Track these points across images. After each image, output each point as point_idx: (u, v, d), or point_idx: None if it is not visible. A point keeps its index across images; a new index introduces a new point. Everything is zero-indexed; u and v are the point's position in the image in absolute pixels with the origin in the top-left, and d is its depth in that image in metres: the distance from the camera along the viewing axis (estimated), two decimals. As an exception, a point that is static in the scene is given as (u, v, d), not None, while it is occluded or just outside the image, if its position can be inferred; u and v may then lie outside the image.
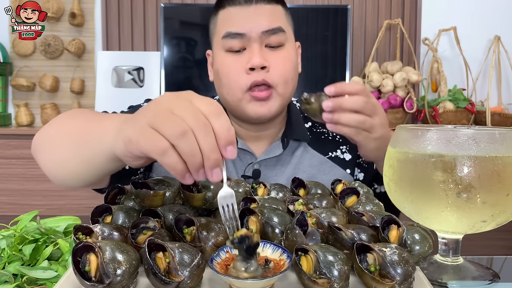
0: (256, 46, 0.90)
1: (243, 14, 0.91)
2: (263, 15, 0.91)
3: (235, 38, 0.90)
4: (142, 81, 2.46)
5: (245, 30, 0.90)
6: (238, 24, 0.90)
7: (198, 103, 0.52)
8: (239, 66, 0.91)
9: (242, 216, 0.61)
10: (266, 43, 0.92)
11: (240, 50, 0.92)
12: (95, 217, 0.64)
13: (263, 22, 0.90)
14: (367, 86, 2.34)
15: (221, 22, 0.94)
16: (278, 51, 0.92)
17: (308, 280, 0.48)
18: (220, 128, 0.50)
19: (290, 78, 0.93)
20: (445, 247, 0.62)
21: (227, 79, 0.92)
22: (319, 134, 1.06)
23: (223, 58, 0.93)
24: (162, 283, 0.47)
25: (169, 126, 0.49)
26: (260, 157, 0.99)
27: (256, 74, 0.89)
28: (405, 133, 0.61)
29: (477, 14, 2.52)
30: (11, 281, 0.58)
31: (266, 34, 0.90)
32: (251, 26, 0.90)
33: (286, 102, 0.96)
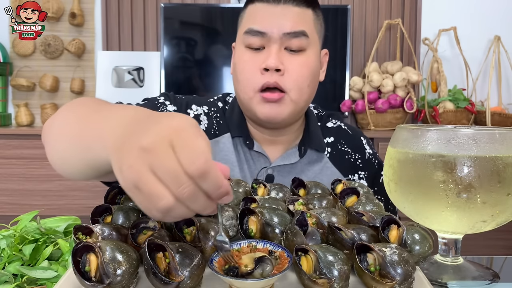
0: (275, 47, 0.88)
1: (268, 13, 0.89)
2: (288, 16, 0.89)
3: (256, 36, 0.89)
4: (142, 81, 2.46)
5: (266, 29, 0.88)
6: (261, 22, 0.89)
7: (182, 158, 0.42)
8: (255, 65, 0.89)
9: (242, 216, 0.61)
10: (286, 46, 0.90)
11: (260, 48, 0.91)
12: (95, 217, 0.64)
13: (286, 23, 0.88)
14: (367, 86, 2.34)
15: (247, 17, 0.93)
16: (297, 56, 0.90)
17: (308, 280, 0.48)
18: (210, 189, 0.43)
19: (305, 85, 0.91)
20: (445, 247, 0.62)
21: (242, 76, 0.92)
22: (343, 153, 1.03)
23: (242, 53, 0.92)
24: (162, 283, 0.47)
25: (153, 201, 0.42)
26: (275, 163, 0.97)
27: (269, 76, 0.88)
28: (405, 133, 0.61)
29: (477, 14, 2.52)
30: (11, 281, 0.58)
31: (287, 36, 0.88)
32: (273, 25, 0.88)
33: (300, 109, 0.94)
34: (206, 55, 2.42)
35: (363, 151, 1.06)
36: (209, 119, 1.01)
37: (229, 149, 0.98)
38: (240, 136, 0.98)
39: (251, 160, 0.98)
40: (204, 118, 1.01)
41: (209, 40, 2.41)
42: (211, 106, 1.04)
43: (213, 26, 2.44)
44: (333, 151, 1.03)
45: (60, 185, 2.13)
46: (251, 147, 0.97)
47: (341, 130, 1.08)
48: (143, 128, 0.45)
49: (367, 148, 1.07)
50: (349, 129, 1.09)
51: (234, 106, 1.02)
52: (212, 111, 1.03)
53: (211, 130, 1.00)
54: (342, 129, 1.08)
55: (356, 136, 1.08)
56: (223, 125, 1.01)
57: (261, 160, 0.98)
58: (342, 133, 1.07)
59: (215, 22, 2.43)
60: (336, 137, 1.05)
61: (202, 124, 1.00)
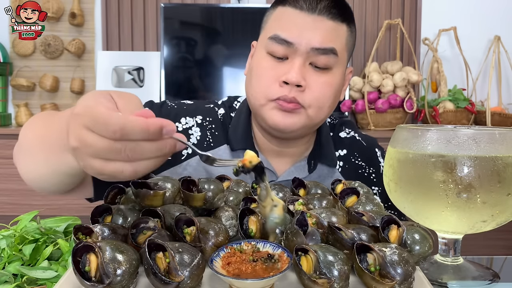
0: (299, 60, 0.81)
1: (299, 21, 0.81)
2: (320, 30, 0.81)
3: (281, 44, 0.82)
4: (142, 81, 2.46)
5: (294, 39, 0.81)
6: (289, 30, 0.81)
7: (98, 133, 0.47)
8: (274, 74, 0.83)
9: (242, 216, 0.61)
10: (312, 61, 0.83)
11: (282, 58, 0.83)
12: (95, 217, 0.64)
13: (317, 37, 0.81)
14: (367, 86, 2.34)
15: (274, 19, 0.85)
16: (322, 74, 0.83)
17: (308, 280, 0.48)
18: (140, 136, 0.47)
19: (326, 105, 0.85)
20: (445, 247, 0.62)
21: (257, 82, 0.85)
22: (357, 167, 0.98)
23: (262, 58, 0.85)
24: (162, 283, 0.47)
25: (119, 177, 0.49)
26: (282, 177, 0.91)
27: (287, 90, 0.81)
28: (405, 133, 0.61)
29: (477, 14, 2.52)
30: (11, 281, 0.58)
31: (315, 52, 0.81)
32: (302, 37, 0.81)
33: (314, 125, 0.89)
34: (206, 55, 2.42)
35: (377, 165, 0.99)
36: (203, 130, 0.95)
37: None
38: (244, 149, 0.90)
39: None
40: (196, 129, 0.95)
41: (209, 40, 2.41)
42: (208, 115, 0.97)
43: (213, 26, 2.44)
44: (345, 165, 0.97)
45: (60, 185, 2.13)
46: None
47: (355, 141, 1.01)
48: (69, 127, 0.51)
49: (382, 161, 1.00)
50: (363, 140, 1.02)
51: (241, 114, 0.95)
52: (207, 121, 0.96)
53: (204, 143, 0.94)
54: (356, 140, 1.01)
55: (371, 148, 1.02)
56: (219, 136, 0.94)
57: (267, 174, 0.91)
58: (356, 145, 1.00)
59: (215, 22, 2.43)
60: (349, 150, 0.99)
61: (194, 137, 0.94)
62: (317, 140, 0.96)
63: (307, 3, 0.81)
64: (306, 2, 0.81)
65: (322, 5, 0.81)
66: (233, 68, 2.42)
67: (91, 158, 0.49)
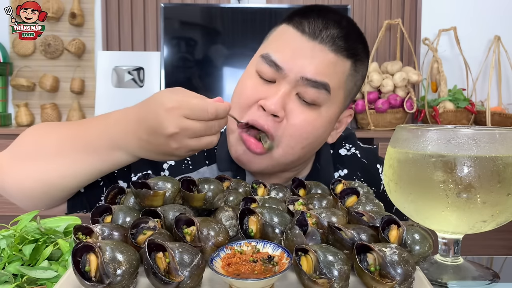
0: (286, 88, 0.73)
1: (296, 45, 0.74)
2: (316, 60, 0.73)
3: (270, 66, 0.74)
4: (142, 81, 2.46)
5: (285, 64, 0.73)
6: (283, 53, 0.74)
7: (196, 117, 0.63)
8: (254, 96, 0.75)
9: (242, 216, 0.61)
10: (299, 92, 0.74)
11: (269, 81, 0.76)
12: (95, 217, 0.64)
13: (310, 67, 0.73)
14: (367, 86, 2.34)
15: (274, 36, 0.78)
16: (307, 109, 0.75)
17: (308, 280, 0.48)
18: (222, 115, 0.65)
19: (299, 146, 0.76)
20: (445, 247, 0.62)
21: (237, 100, 0.78)
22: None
23: (248, 75, 0.78)
24: (162, 283, 0.47)
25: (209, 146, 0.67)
26: None
27: (263, 116, 0.74)
28: (405, 133, 0.61)
29: (477, 14, 2.52)
30: (11, 281, 0.58)
31: (305, 82, 0.73)
32: (294, 63, 0.73)
33: (283, 165, 0.80)
34: (206, 55, 2.42)
35: (379, 183, 0.94)
36: None
37: None
38: (229, 171, 0.85)
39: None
40: None
41: (209, 40, 2.41)
42: None
43: (213, 26, 2.44)
44: None
45: (60, 185, 2.13)
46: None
47: (356, 159, 0.94)
48: (150, 123, 0.64)
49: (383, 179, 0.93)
50: (364, 158, 0.95)
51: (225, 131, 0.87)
52: None
53: (182, 166, 0.86)
54: (357, 158, 0.94)
55: (373, 167, 0.95)
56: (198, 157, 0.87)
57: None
58: (357, 164, 0.93)
59: (215, 22, 2.43)
60: (350, 170, 0.92)
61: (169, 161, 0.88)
62: (315, 163, 0.89)
63: (310, 27, 0.73)
64: (310, 26, 0.73)
65: (328, 33, 0.73)
66: (233, 68, 2.42)
67: (189, 139, 0.63)
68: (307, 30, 0.74)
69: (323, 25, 0.73)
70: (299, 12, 0.77)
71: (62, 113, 2.52)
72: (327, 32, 0.73)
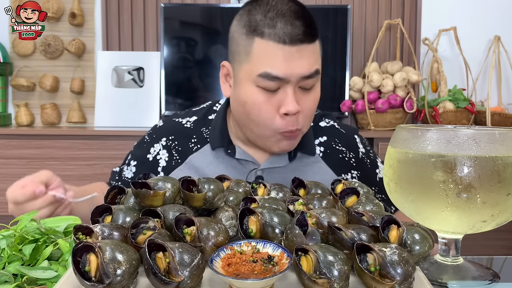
0: (291, 89, 0.86)
1: (286, 55, 0.84)
2: (305, 59, 0.85)
3: (273, 81, 0.85)
4: (142, 81, 2.46)
5: (286, 74, 0.84)
6: (280, 67, 0.84)
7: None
8: (271, 107, 0.87)
9: (242, 216, 0.61)
10: (300, 85, 0.88)
11: (274, 90, 0.87)
12: (95, 217, 0.64)
13: (305, 66, 0.85)
14: (367, 86, 2.34)
15: (258, 55, 0.85)
16: (309, 93, 0.90)
17: (308, 280, 0.48)
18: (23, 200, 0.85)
19: (312, 117, 0.94)
20: (445, 247, 0.62)
21: (257, 117, 0.89)
22: (337, 151, 1.03)
23: (254, 93, 0.87)
24: (162, 283, 0.47)
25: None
26: (263, 165, 0.98)
27: (290, 120, 0.88)
28: (405, 133, 0.61)
29: (477, 14, 2.52)
30: (11, 281, 0.58)
31: (304, 78, 0.86)
32: (292, 70, 0.84)
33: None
34: (206, 55, 2.42)
35: (357, 150, 1.05)
36: (168, 150, 1.02)
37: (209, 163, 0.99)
38: (221, 146, 0.99)
39: (240, 164, 0.99)
40: (163, 152, 1.02)
41: (209, 40, 2.41)
42: (170, 133, 1.04)
43: (213, 26, 2.44)
44: (326, 150, 1.02)
45: (60, 185, 2.13)
46: (233, 155, 0.98)
47: (335, 129, 1.07)
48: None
49: (361, 147, 1.06)
50: (342, 128, 1.08)
51: (219, 116, 1.02)
52: (170, 140, 1.03)
53: (172, 162, 1.01)
54: (336, 128, 1.07)
55: (350, 135, 1.07)
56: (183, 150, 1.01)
57: (249, 164, 0.99)
58: (335, 132, 1.06)
59: (215, 22, 2.43)
60: (329, 136, 1.04)
61: (162, 160, 1.02)
62: None
63: (286, 36, 0.83)
64: (286, 36, 0.83)
65: (300, 32, 0.84)
66: (233, 68, 2.42)
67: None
68: (287, 40, 0.83)
69: (292, 27, 0.83)
70: (260, 20, 0.85)
71: (62, 113, 2.52)
72: (299, 31, 0.84)
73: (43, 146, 2.12)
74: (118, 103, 2.44)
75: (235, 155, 0.98)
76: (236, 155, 0.98)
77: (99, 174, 2.12)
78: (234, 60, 0.91)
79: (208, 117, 1.05)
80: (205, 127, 1.03)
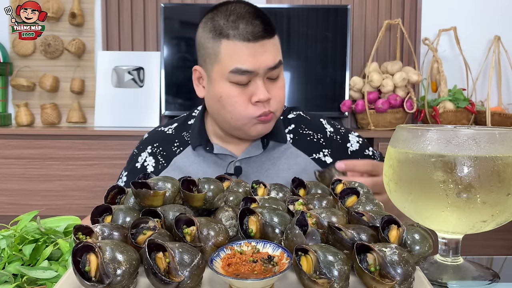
0: (260, 80, 0.96)
1: (252, 51, 0.94)
2: (269, 52, 0.96)
3: (244, 75, 0.95)
4: (142, 81, 2.46)
5: (254, 67, 0.95)
6: (248, 62, 0.94)
7: None
8: (244, 98, 0.97)
9: (242, 216, 0.61)
10: (267, 76, 0.98)
11: (246, 83, 0.97)
12: (95, 217, 0.64)
13: (269, 59, 0.96)
14: (367, 86, 2.34)
15: (226, 55, 0.96)
16: (276, 82, 1.00)
17: (308, 280, 0.48)
18: None
19: (283, 103, 1.04)
20: (445, 247, 0.62)
21: (232, 108, 0.98)
22: (305, 136, 1.12)
23: (228, 88, 0.97)
24: (162, 283, 0.47)
25: None
26: (241, 156, 1.06)
27: (262, 106, 0.97)
28: (405, 133, 0.61)
29: (477, 14, 2.52)
30: (11, 281, 0.58)
31: (270, 70, 0.97)
32: (259, 63, 0.95)
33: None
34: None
35: (324, 130, 1.14)
36: (154, 157, 1.11)
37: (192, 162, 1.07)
38: (200, 145, 1.07)
39: (219, 158, 1.07)
40: (150, 159, 1.11)
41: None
42: (154, 141, 1.13)
43: (213, 26, 2.43)
44: (295, 136, 1.11)
45: (60, 185, 2.13)
46: (211, 151, 1.06)
47: (301, 117, 1.16)
48: None
49: (328, 127, 1.15)
50: (308, 116, 1.17)
51: (197, 119, 1.13)
52: (155, 147, 1.12)
53: (159, 166, 1.09)
54: (302, 116, 1.17)
55: (315, 119, 1.17)
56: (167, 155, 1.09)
57: (228, 157, 1.07)
58: (301, 119, 1.16)
59: (215, 22, 2.43)
60: (296, 124, 1.14)
61: (150, 166, 1.10)
62: None
63: (249, 35, 0.94)
64: (249, 34, 0.94)
65: (261, 29, 0.95)
66: (233, 68, 2.42)
67: None
68: (251, 38, 0.94)
69: (253, 26, 0.94)
70: (223, 24, 0.96)
71: (62, 113, 2.52)
72: (260, 29, 0.95)
73: (43, 146, 2.12)
74: (118, 103, 2.44)
75: (213, 151, 1.06)
76: (215, 151, 1.06)
77: (99, 174, 2.12)
78: (205, 63, 1.01)
79: (188, 122, 1.15)
80: (186, 131, 1.13)
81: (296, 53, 2.37)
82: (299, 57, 2.38)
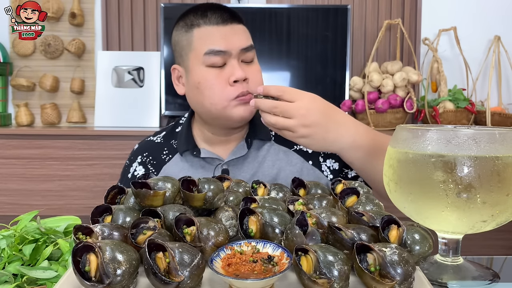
0: (235, 61, 1.00)
1: (223, 33, 0.99)
2: (240, 34, 1.01)
3: (218, 55, 0.98)
4: (142, 81, 2.46)
5: (227, 47, 0.98)
6: (220, 42, 0.98)
7: None
8: (222, 80, 0.99)
9: (242, 216, 0.61)
10: (242, 59, 1.01)
11: (221, 66, 1.00)
12: (95, 217, 0.64)
13: (241, 40, 1.00)
14: (367, 86, 2.34)
15: (199, 40, 1.00)
16: (251, 65, 1.04)
17: (308, 280, 0.48)
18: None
19: (261, 83, 1.05)
20: (445, 247, 0.62)
21: (211, 91, 0.99)
22: None
23: (204, 72, 1.00)
24: (162, 283, 0.47)
25: None
26: (227, 158, 1.08)
27: (240, 86, 0.99)
28: (405, 133, 0.61)
29: (477, 14, 2.52)
30: (11, 281, 0.58)
31: (243, 51, 1.00)
32: (232, 43, 0.99)
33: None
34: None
35: None
36: (144, 166, 1.12)
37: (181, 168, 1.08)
38: (187, 150, 1.09)
39: (206, 163, 1.09)
40: (139, 169, 1.12)
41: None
42: (143, 151, 1.14)
43: (213, 26, 2.44)
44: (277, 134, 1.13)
45: (60, 185, 2.13)
46: (198, 155, 1.08)
47: None
48: None
49: None
50: None
51: (183, 125, 1.15)
52: (144, 156, 1.13)
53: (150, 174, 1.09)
54: None
55: None
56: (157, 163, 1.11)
57: (215, 160, 1.09)
58: None
59: (215, 22, 2.43)
60: None
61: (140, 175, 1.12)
62: (251, 122, 1.12)
63: (218, 19, 1.00)
64: (218, 18, 1.00)
65: (228, 16, 1.01)
66: (233, 68, 2.42)
67: None
68: (220, 21, 1.00)
69: (220, 12, 1.01)
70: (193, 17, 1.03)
71: (62, 113, 2.52)
72: (227, 15, 1.01)
73: (43, 146, 2.12)
74: (118, 103, 2.44)
75: (200, 155, 1.07)
76: (202, 155, 1.07)
77: (99, 174, 2.12)
78: (182, 57, 1.05)
79: (175, 130, 1.17)
80: (174, 139, 1.15)
81: (296, 53, 2.37)
82: (299, 57, 2.38)
